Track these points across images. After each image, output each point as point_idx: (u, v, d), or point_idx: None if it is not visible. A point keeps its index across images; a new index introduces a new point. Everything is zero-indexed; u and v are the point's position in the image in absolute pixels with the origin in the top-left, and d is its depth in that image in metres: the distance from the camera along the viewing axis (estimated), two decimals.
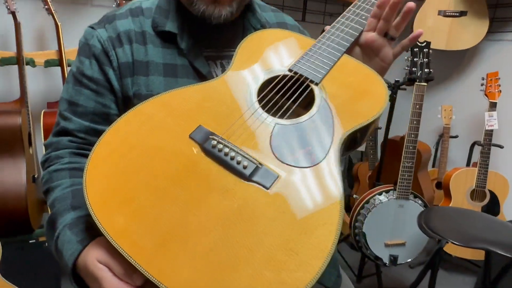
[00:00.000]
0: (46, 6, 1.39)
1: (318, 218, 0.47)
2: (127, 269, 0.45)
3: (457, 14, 1.92)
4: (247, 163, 0.49)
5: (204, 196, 0.48)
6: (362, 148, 2.15)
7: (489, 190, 1.76)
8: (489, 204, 1.76)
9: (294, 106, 0.58)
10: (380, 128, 2.22)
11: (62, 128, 0.64)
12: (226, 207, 0.47)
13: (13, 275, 1.09)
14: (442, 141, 2.11)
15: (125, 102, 0.65)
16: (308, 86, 0.59)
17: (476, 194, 1.76)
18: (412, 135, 1.32)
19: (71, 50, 1.48)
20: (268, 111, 0.56)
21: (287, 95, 0.59)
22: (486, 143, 1.73)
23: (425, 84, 1.28)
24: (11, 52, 1.39)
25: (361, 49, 0.66)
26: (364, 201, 1.41)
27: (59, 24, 1.42)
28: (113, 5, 1.56)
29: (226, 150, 0.50)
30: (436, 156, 2.20)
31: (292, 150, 0.52)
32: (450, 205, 1.77)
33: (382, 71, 0.66)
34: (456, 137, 2.12)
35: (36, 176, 1.41)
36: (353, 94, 0.59)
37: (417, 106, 1.29)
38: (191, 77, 0.65)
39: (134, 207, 0.47)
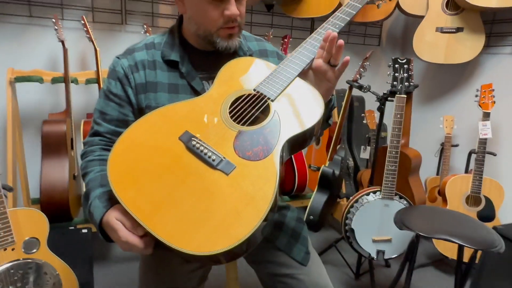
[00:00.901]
0: (87, 35, 1.69)
1: (259, 194, 0.71)
2: (134, 223, 0.71)
3: (454, 30, 2.04)
4: (215, 157, 0.74)
5: (185, 178, 0.73)
6: (366, 155, 2.29)
7: (484, 196, 1.84)
8: (484, 209, 1.84)
9: (253, 117, 0.81)
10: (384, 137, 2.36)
11: (94, 131, 0.90)
12: (199, 185, 0.72)
13: (55, 254, 1.35)
14: (444, 149, 2.21)
15: (140, 112, 0.90)
16: (266, 101, 0.81)
17: (472, 199, 1.85)
18: (394, 141, 1.47)
19: (106, 70, 1.77)
20: (235, 120, 0.80)
21: (250, 109, 0.82)
22: (480, 151, 1.82)
23: (405, 96, 1.43)
24: (60, 72, 1.71)
25: (313, 72, 0.86)
26: (353, 200, 1.57)
27: (97, 49, 1.72)
28: (142, 31, 1.86)
29: (202, 148, 0.75)
30: (440, 164, 2.30)
31: (248, 149, 0.76)
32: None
33: (330, 89, 0.85)
34: (457, 145, 2.21)
35: (76, 174, 1.70)
36: (297, 109, 0.80)
37: (398, 116, 1.44)
38: (189, 93, 0.90)
39: (139, 185, 0.72)
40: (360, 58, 2.50)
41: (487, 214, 1.84)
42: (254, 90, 0.82)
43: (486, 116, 1.83)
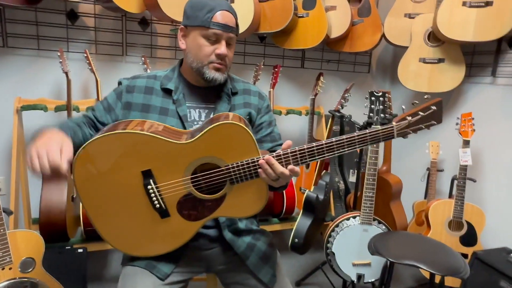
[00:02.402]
0: (89, 67, 1.84)
1: (174, 242, 0.98)
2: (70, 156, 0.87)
3: (436, 61, 2.15)
4: (159, 206, 0.94)
5: (127, 204, 0.94)
6: (355, 179, 2.37)
7: (466, 221, 1.89)
8: (466, 234, 1.89)
9: (206, 188, 0.96)
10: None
11: (85, 114, 1.09)
12: (136, 213, 0.95)
13: (50, 273, 1.44)
14: (430, 174, 2.28)
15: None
16: (225, 181, 0.94)
17: (454, 224, 1.91)
18: (371, 169, 1.55)
19: None
20: (193, 182, 0.94)
21: (210, 179, 0.94)
22: (461, 177, 1.89)
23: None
24: (63, 101, 1.84)
25: None
26: (334, 224, 1.64)
27: (98, 80, 1.86)
28: (140, 63, 2.00)
29: (152, 195, 0.93)
30: (428, 188, 2.36)
31: (186, 208, 0.95)
32: (429, 233, 1.92)
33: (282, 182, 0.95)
34: (442, 170, 2.28)
35: (74, 196, 1.80)
36: (243, 200, 0.94)
37: (374, 145, 1.53)
38: (176, 117, 1.06)
39: (97, 189, 0.93)
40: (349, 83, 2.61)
41: (469, 239, 1.89)
42: (225, 166, 0.93)
43: (466, 143, 1.91)
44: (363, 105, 1.60)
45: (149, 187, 0.92)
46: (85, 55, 1.82)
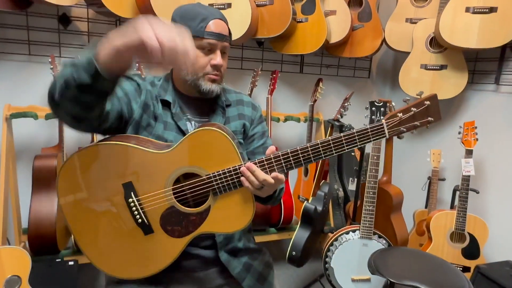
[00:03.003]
0: None
1: (159, 260, 0.92)
2: None
3: (438, 67, 2.10)
4: (140, 220, 0.89)
5: (112, 220, 0.89)
6: (354, 187, 2.32)
7: (468, 233, 1.84)
8: (468, 246, 1.84)
9: (189, 200, 0.91)
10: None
11: None
12: (119, 231, 0.90)
13: (41, 287, 1.39)
14: (431, 183, 2.22)
15: (136, 124, 0.97)
16: (208, 191, 0.89)
17: (456, 236, 1.86)
18: (372, 182, 1.50)
19: None
20: (174, 194, 0.89)
21: (192, 190, 0.90)
22: (464, 187, 1.84)
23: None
24: None
25: None
26: (333, 238, 1.59)
27: None
28: (134, 69, 1.94)
29: (134, 208, 0.88)
30: (429, 198, 2.31)
31: (170, 224, 0.90)
32: (431, 246, 1.87)
33: (268, 191, 0.90)
34: (443, 180, 2.23)
35: None
36: (229, 213, 0.89)
37: (375, 157, 1.48)
38: (174, 131, 1.00)
39: (79, 204, 0.89)
40: (349, 89, 2.56)
41: (472, 252, 1.84)
42: (207, 176, 0.88)
43: (469, 153, 1.85)
44: (363, 111, 1.55)
45: (130, 199, 0.87)
46: None
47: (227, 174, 0.87)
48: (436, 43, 2.09)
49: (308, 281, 2.03)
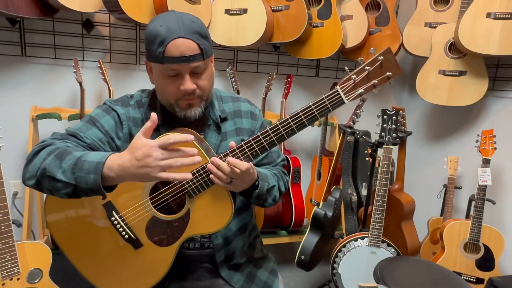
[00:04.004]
0: (102, 77, 1.86)
1: (153, 272, 0.94)
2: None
3: (457, 73, 2.05)
4: (127, 236, 0.92)
5: (102, 243, 0.93)
6: (365, 192, 2.30)
7: (483, 244, 1.80)
8: (483, 258, 1.80)
9: (167, 206, 0.93)
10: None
11: (72, 132, 0.93)
12: (110, 250, 0.94)
13: (60, 280, 1.47)
14: (447, 191, 2.18)
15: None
16: (184, 195, 0.90)
17: (470, 246, 1.82)
18: (381, 190, 1.49)
19: None
20: (153, 204, 0.92)
21: (169, 197, 0.92)
22: (480, 197, 1.80)
23: (392, 147, 1.47)
24: (76, 110, 1.88)
25: None
26: (342, 244, 1.60)
27: (111, 88, 1.88)
28: None
29: (118, 226, 0.92)
30: (444, 206, 2.26)
31: (156, 234, 0.92)
32: (444, 255, 1.85)
33: (242, 185, 0.89)
34: (460, 188, 2.18)
35: None
36: (209, 212, 0.90)
37: (385, 166, 1.47)
38: None
39: (68, 227, 0.95)
40: (366, 94, 2.54)
41: (486, 263, 1.80)
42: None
43: (486, 162, 1.81)
44: (378, 115, 1.53)
45: (112, 218, 0.90)
46: (99, 65, 1.85)
47: (197, 175, 0.86)
48: (455, 48, 2.04)
49: (317, 285, 2.04)
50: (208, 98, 0.97)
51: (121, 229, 0.91)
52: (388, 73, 0.84)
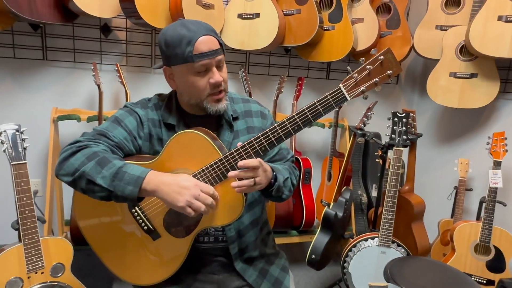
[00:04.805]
0: (119, 80, 1.93)
1: (171, 262, 1.00)
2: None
3: (468, 76, 2.06)
4: (147, 227, 0.98)
5: (124, 234, 1.01)
6: (375, 194, 2.32)
7: (494, 246, 1.81)
8: (494, 259, 1.81)
9: None
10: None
11: (100, 132, 0.99)
12: (131, 242, 1.01)
13: (79, 275, 1.54)
14: (457, 193, 2.19)
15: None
16: None
17: (481, 248, 1.83)
18: (392, 191, 1.52)
19: None
20: None
21: None
22: (490, 199, 1.80)
23: (402, 149, 1.49)
24: (95, 111, 1.95)
25: None
26: (352, 244, 1.63)
27: (128, 91, 1.95)
28: None
29: (138, 218, 0.98)
30: (455, 207, 2.27)
31: (173, 225, 0.98)
32: (454, 256, 1.86)
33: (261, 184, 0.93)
34: (470, 190, 2.19)
35: None
36: (221, 205, 0.94)
37: (395, 167, 1.50)
38: None
39: (95, 223, 1.03)
40: (377, 95, 2.56)
41: (497, 265, 1.80)
42: (193, 174, 0.94)
43: (497, 165, 1.82)
44: (389, 118, 1.55)
45: (133, 210, 0.96)
46: (116, 68, 1.92)
47: (210, 169, 0.92)
48: (466, 51, 2.05)
49: (328, 284, 2.07)
50: (227, 91, 1.04)
51: (140, 221, 0.97)
52: (388, 72, 0.90)
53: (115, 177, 0.86)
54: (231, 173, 0.89)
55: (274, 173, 0.98)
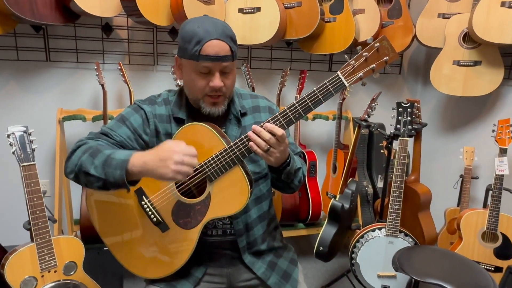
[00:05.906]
0: (123, 79, 1.94)
1: (179, 254, 1.02)
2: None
3: (472, 63, 2.05)
4: (156, 219, 1.00)
5: (133, 227, 1.02)
6: (381, 184, 2.33)
7: (501, 233, 1.81)
8: (501, 246, 1.81)
9: (189, 191, 1.01)
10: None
11: (104, 131, 1.03)
12: (141, 234, 1.02)
13: (90, 273, 1.56)
14: (463, 181, 2.19)
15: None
16: (205, 180, 0.98)
17: (488, 235, 1.83)
18: (398, 182, 1.53)
19: None
20: (179, 191, 1.00)
21: (193, 183, 1.00)
22: (497, 187, 1.80)
23: (407, 139, 1.49)
24: (100, 111, 1.96)
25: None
26: (360, 235, 1.64)
27: (131, 90, 1.96)
28: (170, 72, 2.07)
29: (148, 209, 1.00)
30: (461, 196, 2.27)
31: (181, 217, 1.00)
32: (461, 244, 1.86)
33: (277, 160, 0.94)
34: (476, 178, 2.18)
35: None
36: (227, 195, 0.97)
37: (401, 157, 1.50)
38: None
39: (105, 214, 1.05)
40: (380, 86, 2.56)
41: (504, 252, 1.81)
42: (199, 165, 0.96)
43: (503, 152, 1.81)
44: (393, 108, 1.55)
45: (142, 202, 0.98)
46: (119, 67, 1.92)
47: (216, 159, 0.94)
48: (469, 38, 2.04)
49: (336, 275, 2.09)
50: (230, 96, 1.05)
51: (150, 213, 0.99)
52: (385, 58, 0.92)
53: (105, 164, 0.89)
54: (255, 127, 0.92)
55: (289, 159, 0.99)
